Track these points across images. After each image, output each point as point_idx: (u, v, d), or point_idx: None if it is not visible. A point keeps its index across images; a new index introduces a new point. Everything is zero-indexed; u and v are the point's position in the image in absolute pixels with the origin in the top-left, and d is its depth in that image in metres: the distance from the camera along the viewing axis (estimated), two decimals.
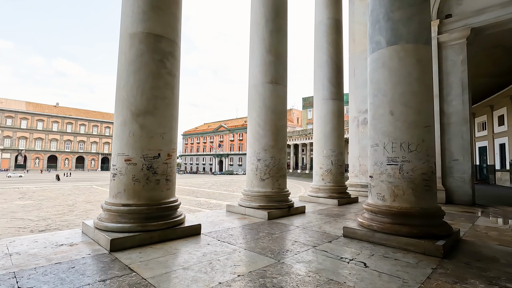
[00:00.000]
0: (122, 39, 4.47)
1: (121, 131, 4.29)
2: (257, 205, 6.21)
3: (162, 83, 4.46)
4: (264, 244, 4.07)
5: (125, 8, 4.51)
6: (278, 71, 6.72)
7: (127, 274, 2.90)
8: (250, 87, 6.82)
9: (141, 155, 4.23)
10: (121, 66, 4.42)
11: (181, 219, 4.58)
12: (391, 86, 4.31)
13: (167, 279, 2.81)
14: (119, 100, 4.39)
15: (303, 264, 3.28)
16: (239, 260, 3.42)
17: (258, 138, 6.54)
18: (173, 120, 4.66)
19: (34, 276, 2.83)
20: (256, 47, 6.76)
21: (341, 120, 9.00)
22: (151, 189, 4.28)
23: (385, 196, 4.28)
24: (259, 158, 6.49)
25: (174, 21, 4.72)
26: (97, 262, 3.26)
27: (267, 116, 6.54)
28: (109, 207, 4.16)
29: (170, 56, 4.58)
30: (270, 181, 6.43)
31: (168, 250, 3.75)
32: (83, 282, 2.70)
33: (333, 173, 8.64)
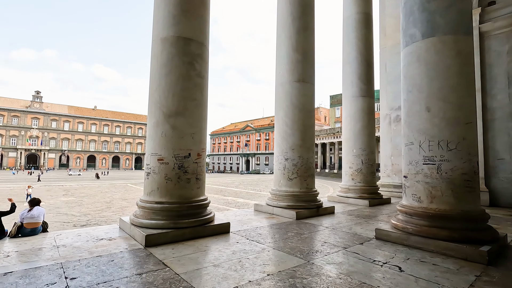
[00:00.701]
0: (154, 43, 4.67)
1: (154, 132, 4.48)
2: (285, 204, 6.17)
3: (191, 85, 4.59)
4: (293, 244, 4.04)
5: (156, 14, 4.69)
6: (305, 69, 6.63)
7: (161, 269, 3.03)
8: (277, 86, 6.80)
9: (172, 154, 4.39)
10: (154, 69, 4.61)
11: (211, 217, 4.68)
12: (427, 81, 4.07)
13: (198, 275, 2.89)
14: (152, 102, 4.58)
15: (334, 265, 3.21)
16: (268, 259, 3.43)
17: (286, 137, 6.50)
18: (202, 120, 4.77)
19: (79, 267, 3.05)
20: (282, 45, 6.72)
21: (371, 118, 8.67)
22: (182, 188, 4.42)
23: (421, 197, 4.05)
24: (287, 158, 6.45)
25: (202, 24, 4.84)
26: (133, 257, 3.44)
27: (294, 115, 6.48)
28: (144, 205, 4.37)
29: (199, 58, 4.70)
30: (298, 180, 6.37)
31: (199, 247, 3.86)
32: (122, 275, 2.86)
33: (363, 172, 8.35)
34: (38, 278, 2.75)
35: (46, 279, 2.73)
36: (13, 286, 2.56)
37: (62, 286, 2.57)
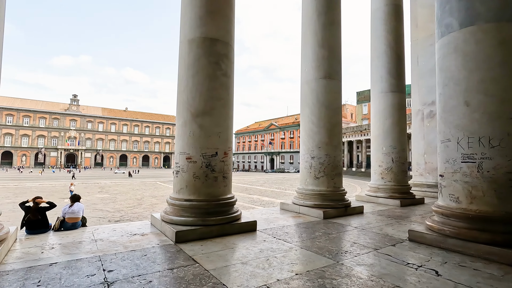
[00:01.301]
0: (181, 45, 4.79)
1: (182, 131, 4.60)
2: (311, 203, 6.09)
3: (218, 84, 4.66)
4: (320, 244, 3.97)
5: (183, 16, 4.81)
6: (331, 66, 6.48)
7: (191, 265, 3.11)
8: (303, 83, 6.70)
9: (200, 153, 4.48)
10: (181, 70, 4.74)
11: (238, 215, 4.73)
12: (466, 74, 3.80)
13: (227, 272, 2.93)
14: (180, 103, 4.71)
15: (364, 267, 3.11)
16: (296, 258, 3.40)
17: (312, 135, 6.39)
18: (228, 119, 4.83)
19: (115, 260, 3.22)
20: (308, 42, 6.61)
21: (402, 114, 8.29)
22: (210, 186, 4.51)
23: (459, 197, 3.80)
24: (313, 156, 6.35)
25: (228, 24, 4.88)
26: (164, 252, 3.56)
27: (320, 113, 6.36)
28: (173, 202, 4.51)
29: (224, 58, 4.75)
30: (325, 179, 6.25)
31: (227, 244, 3.91)
32: (154, 269, 2.98)
33: (394, 171, 8.01)
34: (79, 269, 2.94)
35: (86, 270, 2.91)
36: (57, 276, 2.76)
37: (100, 278, 2.73)
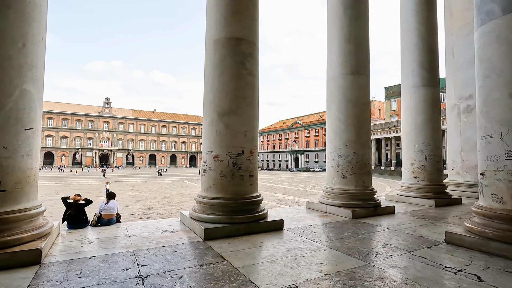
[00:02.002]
0: (207, 46, 4.87)
1: (209, 130, 4.68)
2: (339, 203, 5.94)
3: (243, 84, 4.68)
4: (350, 244, 3.86)
5: (209, 18, 4.89)
6: (359, 61, 6.27)
7: (220, 262, 3.16)
8: (329, 80, 6.55)
9: (226, 152, 4.54)
10: (207, 71, 4.82)
11: (264, 214, 4.73)
12: (510, 64, 3.51)
13: (255, 270, 2.94)
14: (206, 103, 4.80)
15: (398, 269, 2.98)
16: (325, 258, 3.33)
17: (339, 133, 6.23)
18: (254, 118, 4.84)
19: (147, 255, 3.35)
20: (333, 37, 6.44)
21: (436, 109, 7.83)
22: (236, 184, 4.55)
23: (503, 197, 3.52)
24: (340, 154, 6.19)
25: (252, 23, 4.89)
26: (194, 248, 3.65)
27: (348, 109, 6.18)
28: (201, 200, 4.61)
29: (249, 57, 4.77)
30: (353, 178, 6.07)
31: (254, 242, 3.93)
32: (185, 265, 3.06)
33: (427, 170, 7.60)
34: (115, 263, 3.10)
35: (122, 264, 3.06)
36: (96, 268, 2.93)
37: (135, 272, 2.85)
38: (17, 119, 3.20)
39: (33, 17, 3.38)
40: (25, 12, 3.29)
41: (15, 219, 3.14)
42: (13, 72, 3.17)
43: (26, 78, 3.29)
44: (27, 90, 3.30)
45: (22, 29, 3.25)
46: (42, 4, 3.56)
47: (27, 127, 3.31)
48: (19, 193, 3.24)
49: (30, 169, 3.38)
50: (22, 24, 3.26)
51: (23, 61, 3.27)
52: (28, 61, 3.31)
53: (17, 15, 3.21)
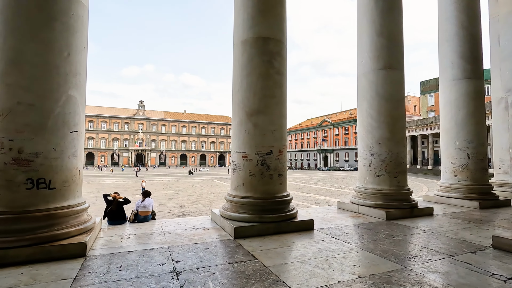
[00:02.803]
0: (235, 47, 4.93)
1: (238, 130, 4.74)
2: (372, 203, 5.72)
3: (271, 83, 4.68)
4: (384, 247, 3.70)
5: (236, 19, 4.95)
6: (392, 55, 5.98)
7: (251, 260, 3.19)
8: (359, 76, 6.33)
9: (255, 151, 4.57)
10: (236, 71, 4.88)
11: (294, 213, 4.70)
12: None
13: (286, 270, 2.93)
14: (235, 103, 4.86)
15: (439, 275, 2.80)
16: (358, 260, 3.23)
17: (371, 131, 6.00)
18: (282, 117, 4.82)
19: (181, 252, 3.48)
20: (364, 31, 6.21)
21: (480, 104, 7.24)
22: (265, 183, 4.56)
23: None
24: (373, 153, 5.95)
25: (279, 22, 4.87)
26: (225, 246, 3.72)
27: (380, 106, 5.93)
28: (231, 199, 4.68)
29: (277, 55, 4.75)
30: (386, 177, 5.81)
31: (284, 242, 3.92)
32: (216, 262, 3.13)
33: (470, 168, 7.06)
34: (152, 258, 3.26)
35: (157, 259, 3.21)
36: (135, 263, 3.10)
37: (170, 267, 2.98)
38: (63, 122, 3.48)
39: (76, 28, 3.65)
40: (69, 24, 3.56)
41: (63, 214, 3.42)
42: (60, 80, 3.46)
43: (71, 84, 3.57)
44: (72, 96, 3.57)
45: (67, 40, 3.53)
46: (84, 16, 3.83)
47: (72, 130, 3.59)
48: (66, 190, 3.52)
49: (76, 169, 3.66)
50: (67, 35, 3.53)
51: (68, 69, 3.54)
52: (73, 69, 3.59)
53: (63, 27, 3.49)
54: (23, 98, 3.25)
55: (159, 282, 2.63)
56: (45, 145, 3.32)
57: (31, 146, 3.24)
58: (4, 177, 3.16)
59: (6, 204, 3.15)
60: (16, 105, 3.22)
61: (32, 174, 3.24)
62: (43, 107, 3.34)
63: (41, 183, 3.29)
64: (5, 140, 3.17)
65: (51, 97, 3.39)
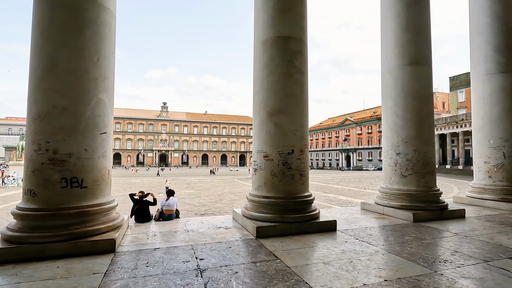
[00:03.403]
0: (256, 47, 4.95)
1: (259, 130, 4.76)
2: (398, 204, 5.52)
3: (292, 82, 4.65)
4: (412, 250, 3.56)
5: (257, 19, 4.96)
6: (418, 50, 5.73)
7: (273, 260, 3.19)
8: (384, 72, 6.13)
9: (276, 151, 4.56)
10: (256, 72, 4.90)
11: (316, 214, 4.64)
12: None
13: (309, 271, 2.90)
14: (256, 103, 4.88)
15: (472, 281, 2.65)
16: (383, 263, 3.13)
17: (396, 129, 5.79)
18: (303, 117, 4.77)
19: (204, 250, 3.54)
20: (388, 26, 6.00)
21: None
22: (287, 183, 4.54)
23: None
24: (398, 152, 5.74)
25: (300, 20, 4.83)
26: (247, 246, 3.75)
27: (406, 104, 5.70)
28: (253, 198, 4.70)
29: (298, 54, 4.71)
30: (413, 177, 5.58)
31: (306, 242, 3.88)
32: (239, 261, 3.16)
33: (506, 168, 6.61)
34: (176, 255, 3.35)
35: (182, 257, 3.29)
36: (161, 259, 3.20)
37: (194, 264, 3.04)
38: (94, 124, 3.67)
39: (105, 35, 3.83)
40: (99, 31, 3.74)
41: (94, 212, 3.60)
42: (90, 84, 3.64)
43: (100, 88, 3.75)
44: (101, 99, 3.75)
45: (96, 46, 3.71)
46: (112, 23, 4.01)
47: (101, 132, 3.77)
48: (97, 189, 3.70)
49: (105, 169, 3.84)
50: (96, 41, 3.72)
51: (98, 74, 3.72)
52: (102, 73, 3.77)
53: (93, 34, 3.68)
54: (57, 102, 3.46)
55: (184, 279, 2.69)
56: (77, 146, 3.51)
57: (65, 147, 3.44)
58: (41, 176, 3.38)
59: (44, 201, 3.37)
60: (51, 109, 3.44)
61: (66, 174, 3.44)
62: (75, 110, 3.53)
63: (74, 182, 3.49)
64: (42, 142, 3.39)
65: (83, 101, 3.59)
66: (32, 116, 3.47)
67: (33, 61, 3.54)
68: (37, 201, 3.37)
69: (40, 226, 3.29)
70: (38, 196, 3.37)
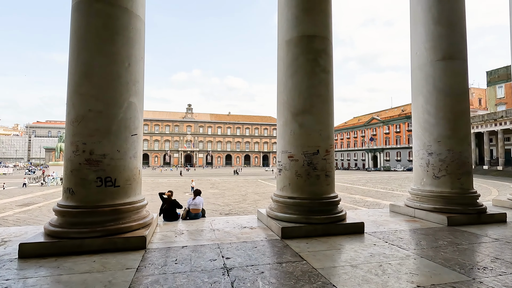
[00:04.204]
0: (279, 47, 4.94)
1: (283, 131, 4.74)
2: (430, 207, 5.25)
3: (316, 81, 4.59)
4: (447, 255, 3.38)
5: (280, 19, 4.95)
6: (452, 44, 5.42)
7: (299, 261, 3.16)
8: (414, 69, 5.86)
9: (301, 152, 4.52)
10: (280, 72, 4.89)
11: (343, 215, 4.54)
12: None
13: (336, 273, 2.84)
14: (280, 103, 4.87)
15: None
16: (416, 268, 3.00)
17: (428, 128, 5.51)
18: (329, 116, 4.69)
19: (230, 249, 3.59)
20: (419, 20, 5.73)
21: None
22: (312, 184, 4.48)
23: None
24: (430, 152, 5.46)
25: (325, 18, 4.75)
26: (272, 246, 3.75)
27: (439, 101, 5.41)
28: (277, 199, 4.70)
29: (323, 53, 4.64)
30: (447, 179, 5.28)
31: (333, 244, 3.81)
32: (265, 262, 3.17)
33: None
34: (203, 253, 3.42)
35: (209, 255, 3.36)
36: (188, 257, 3.29)
37: (221, 263, 3.10)
38: (125, 126, 3.85)
39: (135, 40, 4.02)
40: (130, 37, 3.93)
41: (126, 210, 3.78)
42: (122, 88, 3.83)
43: (131, 92, 3.93)
44: (132, 102, 3.93)
45: (127, 51, 3.90)
46: (141, 29, 4.19)
47: (132, 133, 3.95)
48: (129, 188, 3.88)
49: (136, 169, 4.02)
50: (127, 47, 3.90)
51: (129, 78, 3.91)
52: (133, 78, 3.95)
53: (124, 40, 3.87)
54: (93, 106, 3.67)
55: (211, 277, 2.75)
56: (111, 147, 3.71)
57: (99, 148, 3.65)
58: (79, 176, 3.60)
59: (81, 199, 3.59)
60: (87, 112, 3.66)
61: (100, 173, 3.65)
62: (109, 113, 3.73)
63: (108, 181, 3.68)
64: (79, 143, 3.62)
65: (115, 104, 3.78)
66: (71, 120, 3.71)
67: (71, 68, 3.79)
68: (76, 199, 3.60)
69: (78, 223, 3.51)
70: (76, 194, 3.60)
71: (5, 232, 4.33)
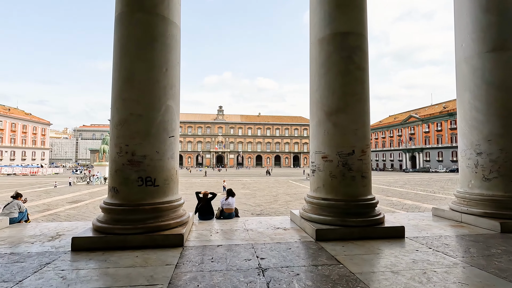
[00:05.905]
0: (312, 46, 4.86)
1: (317, 131, 4.65)
2: (480, 211, 4.83)
3: (351, 79, 4.45)
4: (502, 265, 3.08)
5: (313, 18, 4.87)
6: (503, 33, 4.95)
7: (335, 265, 3.08)
8: (459, 62, 5.44)
9: (335, 152, 4.40)
10: (313, 71, 4.81)
11: (381, 218, 4.34)
12: None
13: (376, 279, 2.72)
14: (313, 103, 4.79)
15: None
16: (465, 277, 2.77)
17: (476, 126, 5.08)
18: (364, 115, 4.52)
19: (264, 250, 3.60)
20: (464, 9, 5.31)
21: None
22: (347, 185, 4.34)
23: None
24: (479, 152, 5.02)
25: (359, 14, 4.59)
26: (306, 248, 3.69)
27: (489, 96, 4.96)
28: (311, 200, 4.62)
29: (357, 50, 4.49)
30: (499, 181, 4.82)
31: (370, 248, 3.65)
32: (299, 263, 3.13)
33: None
34: (238, 253, 3.47)
35: (243, 255, 3.40)
36: (224, 256, 3.35)
37: (255, 263, 3.12)
38: (163, 129, 4.04)
39: (172, 46, 4.20)
40: (166, 43, 4.11)
41: (165, 208, 3.96)
42: (160, 92, 4.02)
43: (169, 95, 4.11)
44: (169, 106, 4.11)
45: (165, 57, 4.09)
46: (177, 35, 4.37)
47: (170, 135, 4.12)
48: (167, 188, 4.06)
49: (173, 169, 4.20)
50: (165, 53, 4.09)
51: (166, 82, 4.09)
52: (170, 82, 4.13)
53: (162, 47, 4.06)
54: (134, 110, 3.90)
55: (247, 276, 2.78)
56: (150, 149, 3.91)
57: (140, 149, 3.86)
58: (122, 176, 3.85)
59: (124, 197, 3.83)
60: (129, 116, 3.89)
61: (141, 173, 3.86)
62: (148, 116, 3.94)
63: (148, 181, 3.89)
64: (123, 145, 3.86)
65: (154, 108, 3.98)
66: (115, 123, 3.97)
67: (115, 75, 4.06)
68: (119, 197, 3.84)
69: (122, 220, 3.75)
70: (120, 193, 3.85)
71: (59, 226, 4.76)
